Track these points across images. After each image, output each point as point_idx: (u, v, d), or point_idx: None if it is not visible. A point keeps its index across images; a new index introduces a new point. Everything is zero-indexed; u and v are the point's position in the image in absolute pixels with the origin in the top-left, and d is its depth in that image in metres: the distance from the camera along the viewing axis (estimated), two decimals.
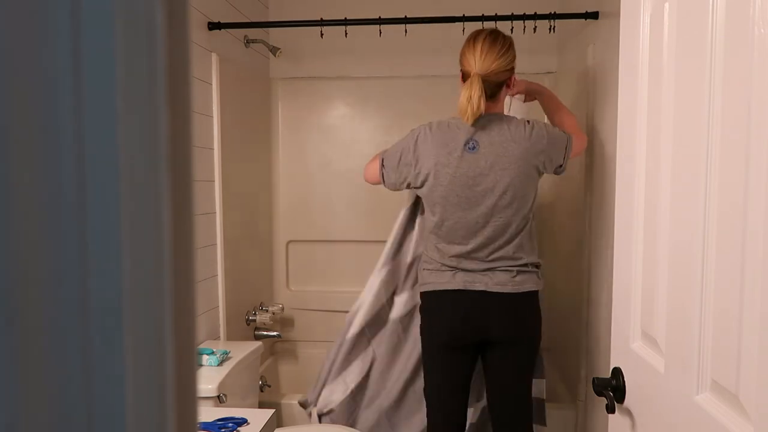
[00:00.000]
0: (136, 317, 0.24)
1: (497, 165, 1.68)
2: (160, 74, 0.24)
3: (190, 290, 0.27)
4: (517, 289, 1.73)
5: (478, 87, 1.65)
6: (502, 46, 1.70)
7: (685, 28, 0.84)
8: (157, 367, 0.25)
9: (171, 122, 0.25)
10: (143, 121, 0.24)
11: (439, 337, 1.79)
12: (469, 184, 1.70)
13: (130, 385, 0.24)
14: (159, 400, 0.25)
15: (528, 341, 1.79)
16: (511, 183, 1.69)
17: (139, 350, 0.24)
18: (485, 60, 1.68)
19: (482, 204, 1.70)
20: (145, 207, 0.24)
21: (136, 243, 0.24)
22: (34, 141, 0.22)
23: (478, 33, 1.75)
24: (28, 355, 0.22)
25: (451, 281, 1.76)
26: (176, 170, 0.25)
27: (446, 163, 1.71)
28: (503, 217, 1.71)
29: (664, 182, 0.90)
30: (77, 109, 0.22)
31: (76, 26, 0.22)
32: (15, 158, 0.21)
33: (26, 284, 0.22)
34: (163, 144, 0.24)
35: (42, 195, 0.22)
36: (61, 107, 0.22)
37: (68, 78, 0.22)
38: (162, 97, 0.24)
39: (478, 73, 1.68)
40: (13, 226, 0.21)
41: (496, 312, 1.73)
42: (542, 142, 1.72)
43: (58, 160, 0.22)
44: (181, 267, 0.26)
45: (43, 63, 0.22)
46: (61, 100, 0.22)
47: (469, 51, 1.73)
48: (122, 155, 0.23)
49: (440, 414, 1.86)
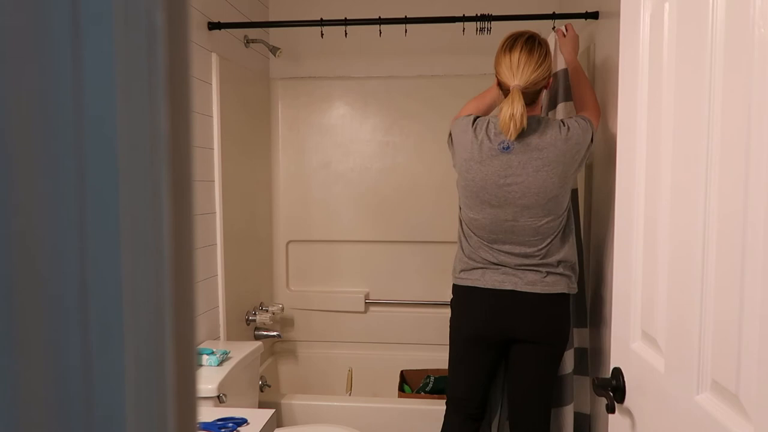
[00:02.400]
0: (136, 317, 0.24)
1: (530, 166, 1.68)
2: (160, 74, 0.24)
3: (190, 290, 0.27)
4: (547, 290, 1.74)
5: (520, 104, 1.61)
6: (539, 55, 1.67)
7: (685, 28, 0.84)
8: (157, 367, 0.25)
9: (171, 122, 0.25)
10: (143, 121, 0.24)
11: (466, 332, 1.82)
12: (500, 183, 1.70)
13: (130, 385, 0.24)
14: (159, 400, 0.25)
15: (554, 343, 1.79)
16: (543, 184, 1.68)
17: (139, 350, 0.24)
18: (523, 73, 1.65)
19: (513, 204, 1.70)
20: (145, 207, 0.24)
21: (136, 243, 0.24)
22: (34, 141, 0.22)
23: (514, 42, 1.70)
24: (28, 356, 0.22)
25: (481, 279, 1.78)
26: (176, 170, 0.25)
27: (479, 160, 1.71)
28: (534, 218, 1.71)
29: (665, 182, 0.90)
30: (77, 109, 0.22)
31: (76, 26, 0.22)
32: (15, 158, 0.21)
33: (26, 284, 0.22)
34: (163, 144, 0.24)
35: (42, 195, 0.22)
36: (61, 107, 0.22)
37: (68, 78, 0.22)
38: (162, 97, 0.24)
39: (519, 86, 1.65)
40: (12, 225, 0.21)
41: (524, 312, 1.75)
42: (578, 142, 1.71)
43: (58, 160, 0.22)
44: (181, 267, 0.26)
45: (43, 63, 0.22)
46: (61, 100, 0.22)
47: (505, 62, 1.68)
48: (122, 155, 0.23)
49: (458, 406, 1.88)
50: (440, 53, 2.87)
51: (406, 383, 2.75)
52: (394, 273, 3.00)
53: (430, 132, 2.88)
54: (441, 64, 2.87)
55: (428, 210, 2.93)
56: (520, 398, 1.84)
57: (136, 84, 0.23)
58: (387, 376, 2.92)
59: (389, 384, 2.89)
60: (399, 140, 2.93)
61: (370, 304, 3.02)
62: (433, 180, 2.91)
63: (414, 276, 2.98)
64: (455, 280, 1.86)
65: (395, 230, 2.97)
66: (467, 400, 1.86)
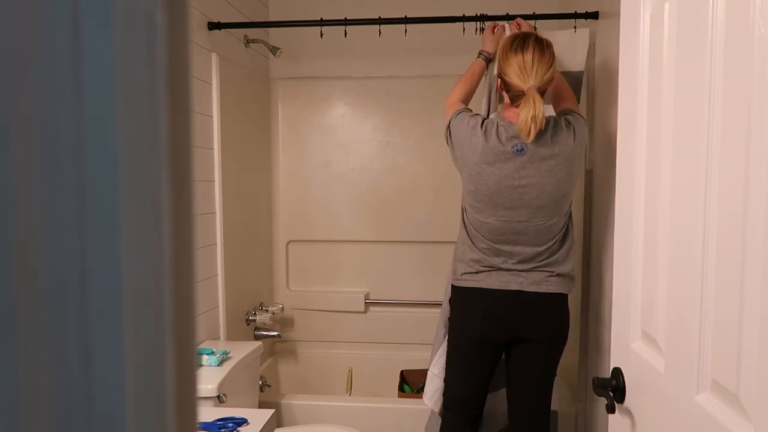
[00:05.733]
0: (136, 317, 0.24)
1: (543, 166, 1.67)
2: (160, 74, 0.24)
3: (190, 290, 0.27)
4: (552, 289, 1.74)
5: (541, 105, 1.60)
6: (549, 55, 1.67)
7: (685, 28, 0.84)
8: (157, 367, 0.25)
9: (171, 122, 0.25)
10: (143, 121, 0.24)
11: (469, 333, 1.81)
12: (515, 185, 1.69)
13: (130, 385, 0.24)
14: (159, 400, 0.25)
15: (556, 342, 1.80)
16: (558, 184, 1.69)
17: (139, 350, 0.24)
18: (537, 73, 1.64)
19: (528, 205, 1.70)
20: (145, 207, 0.24)
21: (136, 243, 0.24)
22: (34, 141, 0.22)
23: (524, 41, 1.68)
24: (28, 356, 0.22)
25: (486, 280, 1.77)
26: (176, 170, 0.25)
27: (492, 163, 1.69)
28: (546, 218, 1.71)
29: (665, 182, 0.90)
30: (77, 108, 0.22)
31: (76, 26, 0.22)
32: (15, 158, 0.21)
33: (26, 284, 0.22)
34: (163, 144, 0.24)
35: (42, 195, 0.22)
36: (61, 107, 0.22)
37: (68, 78, 0.22)
38: (162, 97, 0.24)
39: (534, 87, 1.63)
40: (12, 226, 0.21)
41: (529, 312, 1.75)
42: (583, 139, 1.72)
43: (58, 160, 0.22)
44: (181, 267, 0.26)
45: (43, 62, 0.22)
46: (61, 100, 0.22)
47: (517, 62, 1.66)
48: (122, 155, 0.23)
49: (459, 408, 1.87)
50: (440, 53, 2.87)
51: (406, 383, 2.75)
52: (394, 273, 3.00)
53: (430, 132, 2.87)
54: (441, 64, 2.86)
55: (428, 210, 2.92)
56: (522, 398, 1.84)
57: (136, 84, 0.23)
58: (387, 376, 2.92)
59: (389, 384, 2.89)
60: (399, 140, 2.93)
61: (370, 304, 3.02)
62: (433, 180, 2.91)
63: (414, 276, 2.97)
64: (457, 282, 1.84)
65: (395, 230, 2.97)
66: (470, 400, 1.86)
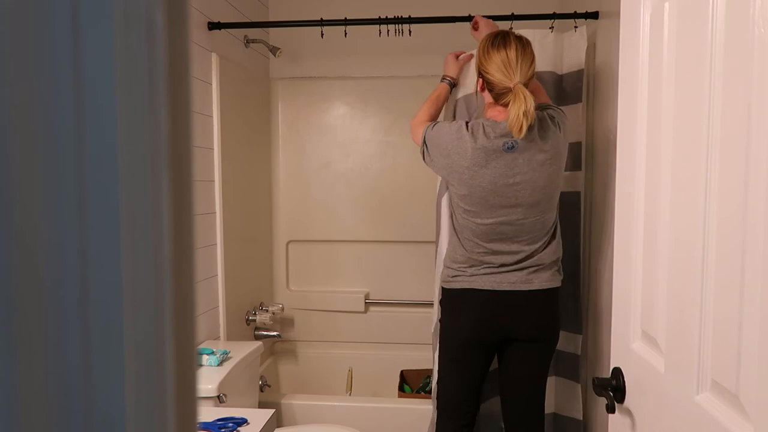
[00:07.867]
0: (136, 317, 0.24)
1: (534, 161, 1.67)
2: (160, 74, 0.24)
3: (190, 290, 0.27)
4: (544, 285, 1.74)
5: (531, 99, 1.59)
6: (531, 51, 1.67)
7: (685, 28, 0.84)
8: (157, 367, 0.25)
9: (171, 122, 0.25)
10: (143, 121, 0.24)
11: (463, 335, 1.80)
12: (508, 183, 1.68)
13: (130, 385, 0.24)
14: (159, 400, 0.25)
15: (549, 340, 1.80)
16: (550, 178, 1.68)
17: (139, 350, 0.24)
18: (522, 69, 1.64)
19: (524, 202, 1.69)
20: (145, 207, 0.24)
21: (136, 243, 0.24)
22: (34, 141, 0.22)
23: (504, 40, 1.68)
24: (28, 356, 0.22)
25: (478, 281, 1.76)
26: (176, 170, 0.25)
27: (483, 164, 1.68)
28: (540, 213, 1.71)
29: (664, 182, 0.90)
30: (77, 109, 0.22)
31: (76, 26, 0.22)
32: (15, 158, 0.21)
33: (26, 284, 0.22)
34: (163, 144, 0.24)
35: (42, 195, 0.22)
36: (61, 107, 0.22)
37: (68, 78, 0.22)
38: (162, 97, 0.24)
39: (520, 83, 1.63)
40: (12, 225, 0.21)
41: (522, 310, 1.74)
42: (567, 131, 1.72)
43: (58, 160, 0.22)
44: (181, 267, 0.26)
45: (43, 63, 0.22)
46: (61, 100, 0.22)
47: (500, 59, 1.65)
48: (122, 155, 0.23)
49: (454, 410, 1.87)
50: (440, 53, 2.86)
51: (406, 383, 2.75)
52: (394, 273, 3.00)
53: None
54: (441, 64, 2.85)
55: (428, 210, 2.92)
56: (517, 398, 1.83)
57: (136, 84, 0.23)
58: (387, 376, 2.92)
59: (389, 384, 2.89)
60: (399, 140, 2.93)
61: (370, 304, 3.02)
62: (433, 180, 2.89)
63: (414, 276, 2.97)
64: (447, 284, 1.82)
65: (395, 230, 2.96)
66: (464, 403, 1.85)
